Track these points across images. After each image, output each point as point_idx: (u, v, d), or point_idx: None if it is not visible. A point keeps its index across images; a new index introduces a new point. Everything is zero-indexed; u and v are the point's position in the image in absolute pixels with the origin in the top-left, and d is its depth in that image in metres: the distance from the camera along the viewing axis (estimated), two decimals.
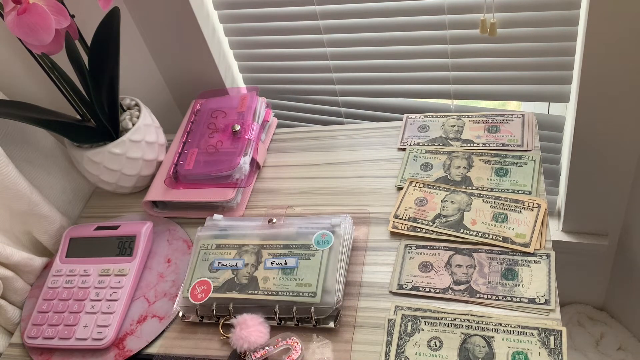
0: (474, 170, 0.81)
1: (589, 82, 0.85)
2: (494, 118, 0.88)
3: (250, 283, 0.73)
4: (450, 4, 0.87)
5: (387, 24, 0.94)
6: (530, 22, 0.85)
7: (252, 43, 1.07)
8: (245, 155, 0.88)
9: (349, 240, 0.75)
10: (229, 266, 0.75)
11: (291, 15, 0.99)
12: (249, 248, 0.76)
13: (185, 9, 0.98)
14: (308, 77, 1.08)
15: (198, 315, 0.74)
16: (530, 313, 0.65)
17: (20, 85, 0.89)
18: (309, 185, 0.88)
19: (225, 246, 0.78)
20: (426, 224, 0.76)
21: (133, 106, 0.93)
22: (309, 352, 0.68)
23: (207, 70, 1.08)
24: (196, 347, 0.72)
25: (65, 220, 0.91)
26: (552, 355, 0.61)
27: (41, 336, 0.77)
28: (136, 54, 1.09)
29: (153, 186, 0.90)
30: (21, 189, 0.81)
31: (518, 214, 0.74)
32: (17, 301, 0.83)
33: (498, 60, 0.92)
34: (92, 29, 0.83)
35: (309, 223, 0.77)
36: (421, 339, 0.65)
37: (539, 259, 0.70)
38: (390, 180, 0.85)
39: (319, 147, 0.94)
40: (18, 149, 0.87)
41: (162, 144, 0.94)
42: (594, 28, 0.78)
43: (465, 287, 0.69)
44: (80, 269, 0.82)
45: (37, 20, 0.68)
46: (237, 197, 0.87)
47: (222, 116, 0.94)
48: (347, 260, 0.74)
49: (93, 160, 0.86)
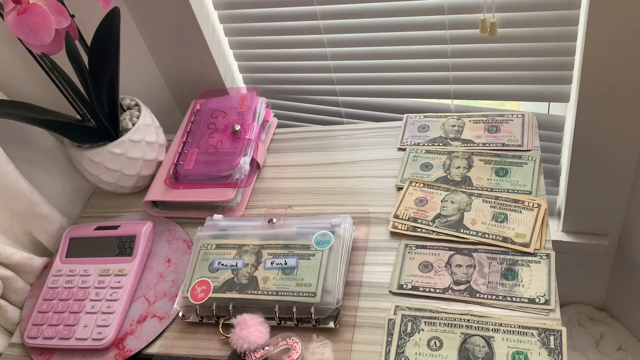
0: (474, 170, 0.81)
1: (589, 82, 0.85)
2: (494, 118, 0.88)
3: (250, 283, 0.73)
4: (450, 4, 0.87)
5: (387, 24, 0.94)
6: (530, 22, 0.85)
7: (252, 43, 1.07)
8: (245, 155, 0.88)
9: (349, 240, 0.75)
10: (229, 266, 0.75)
11: (291, 15, 0.99)
12: (249, 248, 0.76)
13: (185, 9, 0.98)
14: (308, 77, 1.08)
15: (198, 315, 0.74)
16: (530, 313, 0.65)
17: (20, 85, 0.89)
18: (309, 185, 0.88)
19: (225, 246, 0.78)
20: (426, 224, 0.76)
21: (133, 106, 0.93)
22: (308, 352, 0.68)
23: (207, 70, 1.08)
24: (196, 347, 0.72)
25: (65, 220, 0.91)
26: (552, 355, 0.61)
27: (41, 336, 0.77)
28: (136, 54, 1.09)
29: (153, 186, 0.90)
30: (21, 189, 0.81)
31: (518, 214, 0.74)
32: (17, 301, 0.83)
33: (498, 60, 0.92)
34: (92, 29, 0.83)
35: (308, 223, 0.77)
36: (421, 339, 0.65)
37: (539, 259, 0.70)
38: (390, 180, 0.85)
39: (319, 147, 0.94)
40: (18, 149, 0.87)
41: (162, 144, 0.94)
42: (594, 28, 0.78)
43: (465, 287, 0.69)
44: (80, 269, 0.82)
45: (37, 20, 0.68)
46: (237, 197, 0.87)
47: (222, 116, 0.94)
48: (347, 260, 0.74)
49: (93, 160, 0.86)
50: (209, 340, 0.73)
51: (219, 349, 0.71)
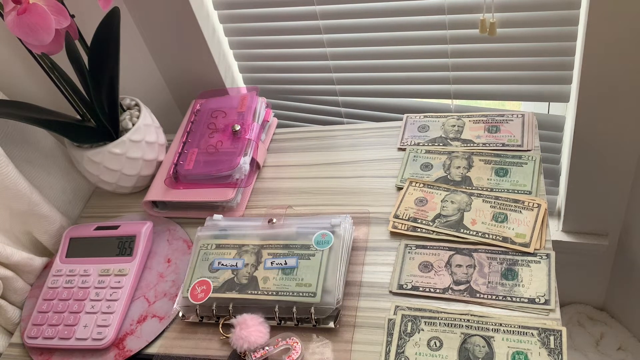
0: (474, 170, 0.81)
1: (589, 82, 0.85)
2: (494, 118, 0.88)
3: (250, 283, 0.73)
4: (450, 4, 0.87)
5: (387, 24, 0.94)
6: (530, 22, 0.85)
7: (252, 43, 1.07)
8: (245, 155, 0.88)
9: (348, 240, 0.75)
10: (229, 266, 0.75)
11: (291, 15, 0.99)
12: (249, 248, 0.76)
13: (185, 9, 0.98)
14: (308, 77, 1.08)
15: (198, 315, 0.74)
16: (530, 313, 0.65)
17: (20, 85, 0.89)
18: (309, 185, 0.88)
19: (225, 246, 0.78)
20: (426, 224, 0.76)
21: (133, 106, 0.93)
22: (308, 352, 0.68)
23: (207, 70, 1.08)
24: (196, 347, 0.72)
25: (65, 220, 0.91)
26: (552, 355, 0.61)
27: (41, 336, 0.77)
28: (136, 54, 1.09)
29: (153, 186, 0.90)
30: (21, 189, 0.81)
31: (518, 214, 0.74)
32: (17, 301, 0.83)
33: (498, 60, 0.92)
34: (92, 29, 0.83)
35: (308, 223, 0.77)
36: (421, 339, 0.65)
37: (539, 259, 0.70)
38: (390, 180, 0.85)
39: (319, 147, 0.94)
40: (18, 149, 0.87)
41: (162, 144, 0.94)
42: (594, 28, 0.78)
43: (465, 287, 0.69)
44: (80, 269, 0.82)
45: (37, 20, 0.68)
46: (237, 197, 0.87)
47: (222, 116, 0.94)
48: (347, 260, 0.74)
49: (93, 160, 0.86)
50: (209, 340, 0.73)
51: (219, 349, 0.71)
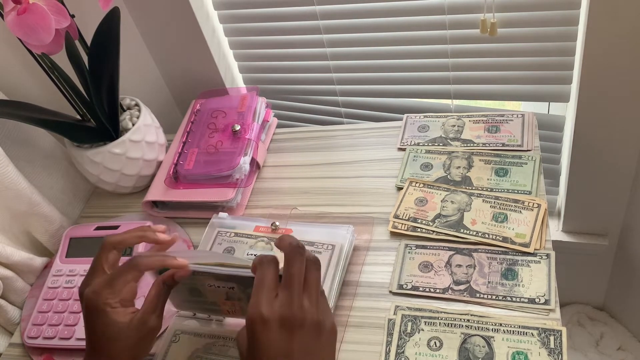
0: (474, 170, 0.81)
1: (589, 82, 0.84)
2: (494, 118, 0.88)
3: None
4: (450, 4, 0.87)
5: (387, 24, 0.94)
6: (530, 22, 0.85)
7: (252, 43, 1.07)
8: (245, 155, 0.88)
9: (348, 249, 0.74)
10: None
11: (291, 15, 0.99)
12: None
13: (185, 9, 0.98)
14: (308, 77, 1.08)
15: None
16: (530, 313, 0.65)
17: (20, 85, 0.89)
18: (309, 185, 0.88)
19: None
20: (426, 224, 0.76)
21: (133, 106, 0.93)
22: None
23: (207, 70, 1.08)
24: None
25: (65, 220, 0.91)
26: (552, 355, 0.61)
27: (41, 336, 0.77)
28: (136, 54, 1.08)
29: (153, 186, 0.90)
30: (21, 189, 0.80)
31: (518, 214, 0.74)
32: (17, 301, 0.83)
33: (498, 60, 0.92)
34: (92, 29, 0.83)
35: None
36: (421, 339, 0.65)
37: (539, 259, 0.70)
38: (390, 180, 0.85)
39: (319, 147, 0.94)
40: (18, 149, 0.87)
41: (162, 144, 0.94)
42: (594, 28, 0.78)
43: (465, 287, 0.69)
44: (81, 269, 0.82)
45: (37, 20, 0.68)
46: (237, 197, 0.87)
47: (222, 116, 0.94)
48: (343, 266, 0.73)
49: (93, 160, 0.86)
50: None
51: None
